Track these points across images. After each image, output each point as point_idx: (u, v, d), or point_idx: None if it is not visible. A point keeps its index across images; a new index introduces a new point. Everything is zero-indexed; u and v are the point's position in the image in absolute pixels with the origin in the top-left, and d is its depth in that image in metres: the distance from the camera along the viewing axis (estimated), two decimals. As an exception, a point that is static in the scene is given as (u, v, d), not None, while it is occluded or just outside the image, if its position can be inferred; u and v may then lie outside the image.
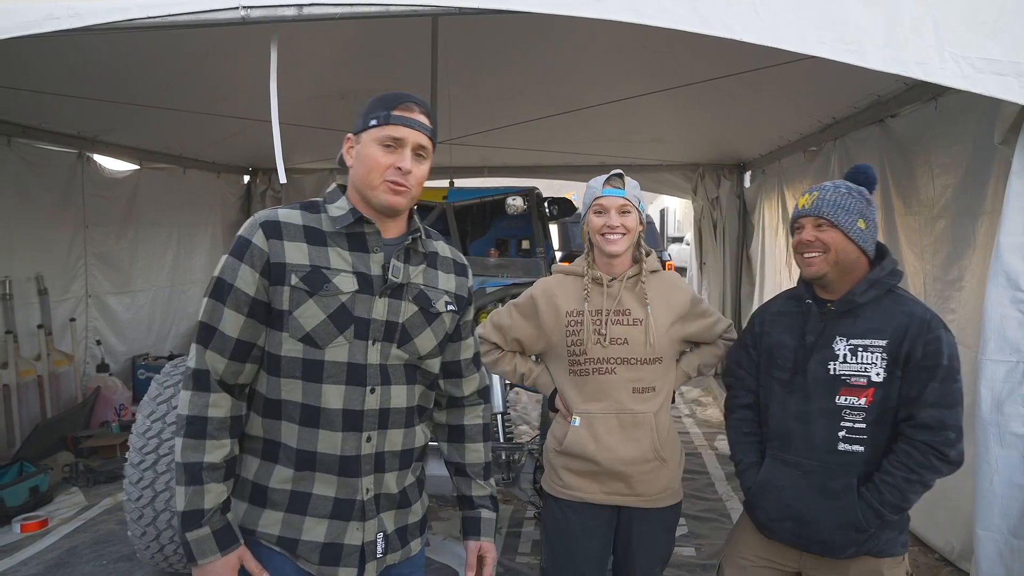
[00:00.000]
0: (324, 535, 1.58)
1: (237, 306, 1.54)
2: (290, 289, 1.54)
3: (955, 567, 3.51)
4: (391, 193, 1.58)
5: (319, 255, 1.57)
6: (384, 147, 1.58)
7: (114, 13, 2.71)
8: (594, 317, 2.23)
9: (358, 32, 4.35)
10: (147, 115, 5.34)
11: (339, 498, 1.59)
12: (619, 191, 2.22)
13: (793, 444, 2.06)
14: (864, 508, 1.96)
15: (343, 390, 1.56)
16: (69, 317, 5.98)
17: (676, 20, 2.48)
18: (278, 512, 1.58)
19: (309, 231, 1.59)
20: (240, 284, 1.54)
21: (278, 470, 1.58)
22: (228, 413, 1.56)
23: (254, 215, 1.62)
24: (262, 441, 1.60)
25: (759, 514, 2.13)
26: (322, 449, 1.56)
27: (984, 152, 3.38)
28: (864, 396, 1.97)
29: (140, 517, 3.15)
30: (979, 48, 2.38)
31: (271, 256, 1.54)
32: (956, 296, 3.69)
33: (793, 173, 6.35)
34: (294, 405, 1.56)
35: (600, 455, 2.20)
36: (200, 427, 1.53)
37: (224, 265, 1.57)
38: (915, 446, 1.93)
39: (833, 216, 1.99)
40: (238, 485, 1.61)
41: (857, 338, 1.99)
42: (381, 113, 1.59)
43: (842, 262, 2.00)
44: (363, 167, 1.60)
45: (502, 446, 3.25)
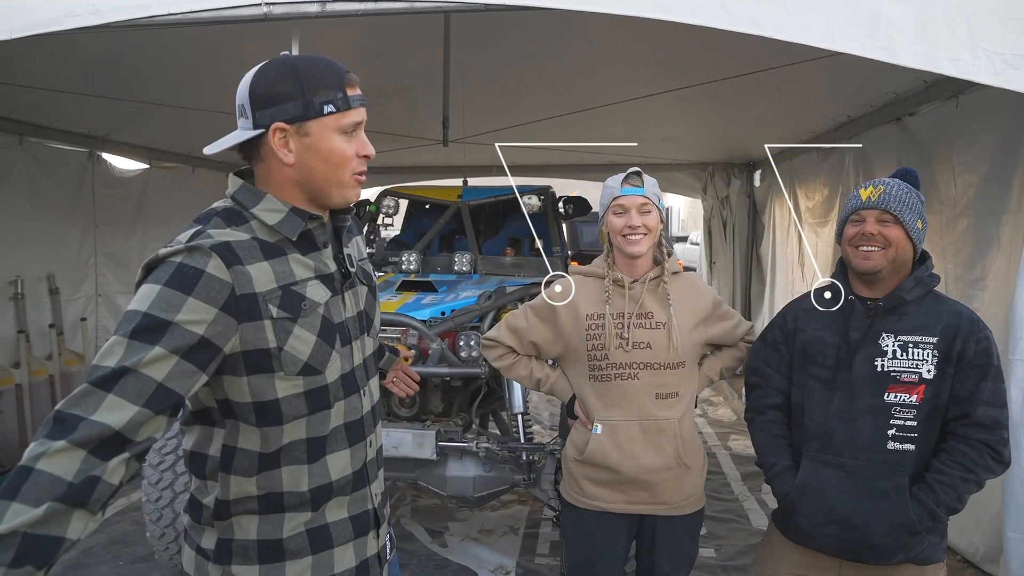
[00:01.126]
0: (354, 559, 1.44)
1: (173, 346, 1.18)
2: (272, 323, 1.27)
3: (979, 569, 3.48)
4: (355, 187, 1.39)
5: (282, 270, 1.31)
6: (345, 135, 1.34)
7: (135, 10, 2.69)
8: (616, 320, 2.15)
9: (371, 30, 4.33)
10: (156, 114, 5.32)
11: (353, 515, 1.44)
12: (639, 189, 2.16)
13: (835, 444, 1.99)
14: (918, 509, 1.89)
15: (343, 404, 1.40)
16: (80, 316, 5.96)
17: (704, 17, 2.46)
18: (304, 559, 1.37)
19: (262, 245, 1.31)
20: (183, 322, 1.19)
21: (289, 517, 1.36)
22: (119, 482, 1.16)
23: (186, 240, 1.26)
24: (256, 499, 1.35)
25: (799, 520, 2.04)
26: (335, 476, 1.39)
27: (1009, 150, 3.35)
28: (915, 393, 1.92)
29: (159, 518, 3.13)
30: (1013, 44, 2.35)
31: (237, 287, 1.24)
32: (979, 296, 3.66)
33: (806, 173, 6.31)
34: (297, 445, 1.35)
35: (623, 464, 2.14)
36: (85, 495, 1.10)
37: (156, 298, 1.19)
38: (971, 445, 1.88)
39: (899, 212, 1.94)
40: (236, 551, 1.35)
41: (906, 334, 1.94)
42: (335, 95, 1.32)
43: (899, 259, 1.96)
44: (327, 165, 1.34)
45: (523, 446, 3.23)
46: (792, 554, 2.10)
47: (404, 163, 7.38)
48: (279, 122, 1.31)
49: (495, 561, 3.66)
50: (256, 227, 1.33)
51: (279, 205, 1.34)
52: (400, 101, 5.67)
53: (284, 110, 1.30)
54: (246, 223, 1.33)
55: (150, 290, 1.21)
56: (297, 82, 1.31)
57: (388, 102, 5.68)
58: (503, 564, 3.64)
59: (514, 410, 3.30)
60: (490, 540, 3.94)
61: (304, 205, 1.37)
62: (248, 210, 1.34)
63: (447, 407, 3.56)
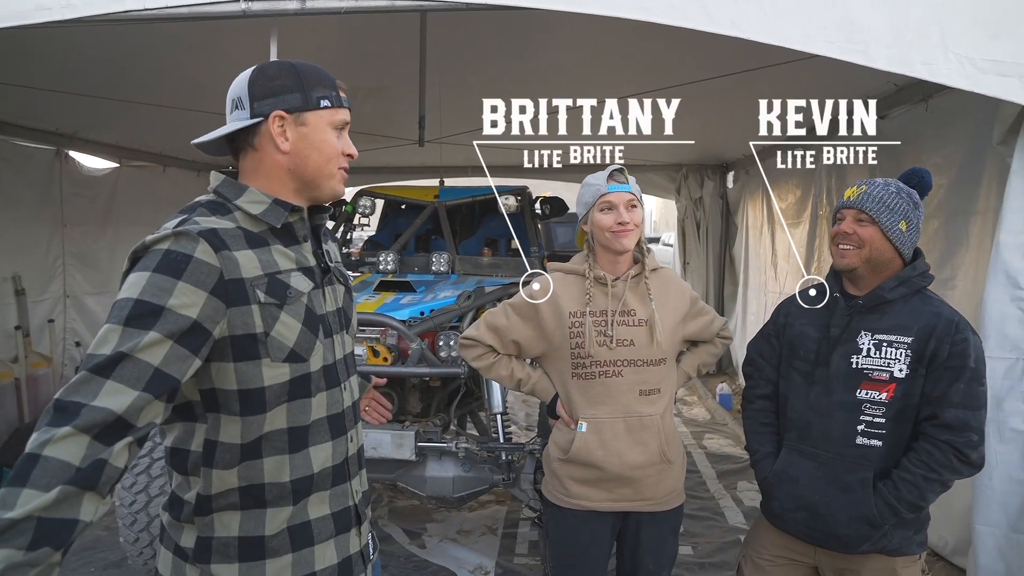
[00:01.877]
0: (336, 556, 1.44)
1: (168, 331, 1.20)
2: (259, 307, 1.30)
3: (948, 562, 3.54)
4: (342, 181, 1.46)
5: (267, 259, 1.35)
6: (335, 131, 1.43)
7: (109, 4, 2.64)
8: (599, 318, 2.15)
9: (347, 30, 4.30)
10: (127, 112, 5.23)
11: (335, 512, 1.45)
12: (625, 186, 2.17)
13: (811, 436, 2.06)
14: (880, 504, 1.95)
15: (325, 396, 1.42)
16: (47, 318, 5.83)
17: (684, 18, 2.49)
18: (284, 557, 1.38)
19: (246, 234, 1.35)
20: (175, 307, 1.21)
21: (272, 513, 1.37)
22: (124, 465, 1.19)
23: (173, 227, 1.28)
24: (238, 492, 1.35)
25: (773, 504, 2.13)
26: (317, 467, 1.40)
27: (978, 153, 3.43)
28: (885, 391, 1.96)
29: (133, 522, 3.08)
30: (982, 49, 2.42)
31: (225, 272, 1.27)
32: (949, 295, 3.73)
33: (778, 174, 6.39)
34: (278, 435, 1.36)
35: (608, 461, 2.15)
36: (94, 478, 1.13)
37: (147, 284, 1.21)
38: (937, 445, 1.92)
39: (875, 212, 1.98)
40: (215, 549, 1.35)
41: (882, 333, 1.99)
42: (330, 93, 1.41)
43: (874, 260, 1.99)
44: (319, 155, 1.40)
45: (502, 446, 3.22)
46: (775, 537, 2.17)
47: (380, 163, 7.34)
48: (279, 110, 1.37)
49: (474, 561, 3.65)
50: (240, 218, 1.37)
51: (262, 196, 1.39)
52: (376, 101, 5.63)
53: (284, 100, 1.38)
54: (230, 213, 1.37)
55: (139, 277, 1.23)
56: (297, 78, 1.39)
57: (364, 102, 5.64)
58: (482, 564, 3.63)
59: (493, 410, 3.29)
60: (469, 540, 3.93)
61: (290, 196, 1.42)
62: (231, 202, 1.38)
63: (426, 407, 3.55)
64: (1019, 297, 2.59)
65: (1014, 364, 2.60)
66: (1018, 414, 2.58)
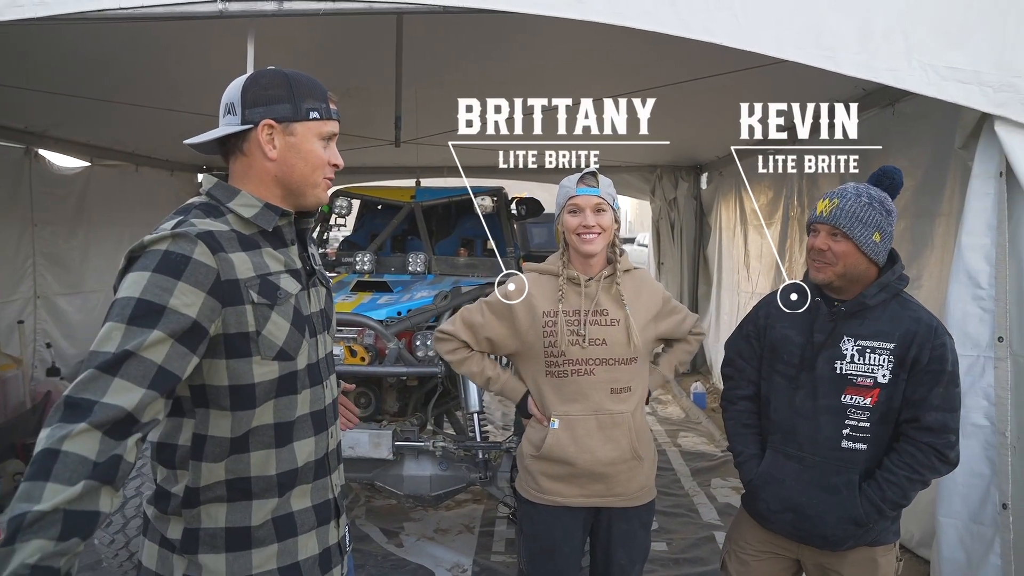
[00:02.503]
0: (317, 546, 1.50)
1: (170, 330, 1.26)
2: (253, 307, 1.36)
3: (914, 554, 3.64)
4: (326, 190, 1.53)
5: (259, 262, 1.41)
6: (323, 142, 1.48)
7: (84, 3, 2.62)
8: (572, 318, 2.20)
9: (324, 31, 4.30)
10: (99, 110, 5.17)
11: (316, 504, 1.51)
12: (593, 190, 2.21)
13: (796, 439, 2.09)
14: (866, 504, 2.00)
15: (309, 393, 1.48)
16: (17, 319, 5.75)
17: (658, 23, 2.53)
18: (270, 547, 1.43)
19: (240, 237, 1.40)
20: (177, 306, 1.26)
21: (258, 505, 1.42)
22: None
23: (170, 229, 1.33)
24: (225, 484, 1.40)
25: (759, 505, 2.16)
26: (302, 462, 1.46)
27: (941, 156, 3.52)
28: (869, 396, 2.01)
29: (108, 524, 3.06)
30: (944, 57, 2.49)
31: (222, 273, 1.32)
32: (916, 294, 3.76)
33: (751, 175, 6.49)
34: (264, 429, 1.41)
35: (580, 457, 2.19)
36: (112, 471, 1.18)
37: (148, 284, 1.26)
38: (919, 447, 1.99)
39: (849, 228, 1.99)
40: (203, 540, 1.40)
41: (865, 339, 2.03)
42: (320, 105, 1.46)
43: (850, 273, 2.03)
44: (305, 164, 1.45)
45: (479, 445, 3.26)
46: (758, 532, 2.22)
47: (356, 163, 7.33)
48: (269, 119, 1.42)
49: (451, 560, 3.68)
50: (232, 220, 1.42)
51: (254, 200, 1.44)
52: (353, 101, 5.62)
53: (274, 110, 1.43)
54: (223, 216, 1.42)
55: (140, 277, 1.28)
56: (288, 88, 1.44)
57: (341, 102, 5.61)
58: (460, 562, 3.66)
59: (470, 409, 3.32)
60: (446, 539, 3.95)
61: (277, 201, 1.47)
62: (224, 204, 1.43)
63: (403, 407, 3.57)
64: (980, 296, 2.67)
65: (975, 361, 2.68)
66: (979, 410, 2.66)
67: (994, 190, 2.62)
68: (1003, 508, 2.60)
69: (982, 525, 2.67)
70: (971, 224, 2.68)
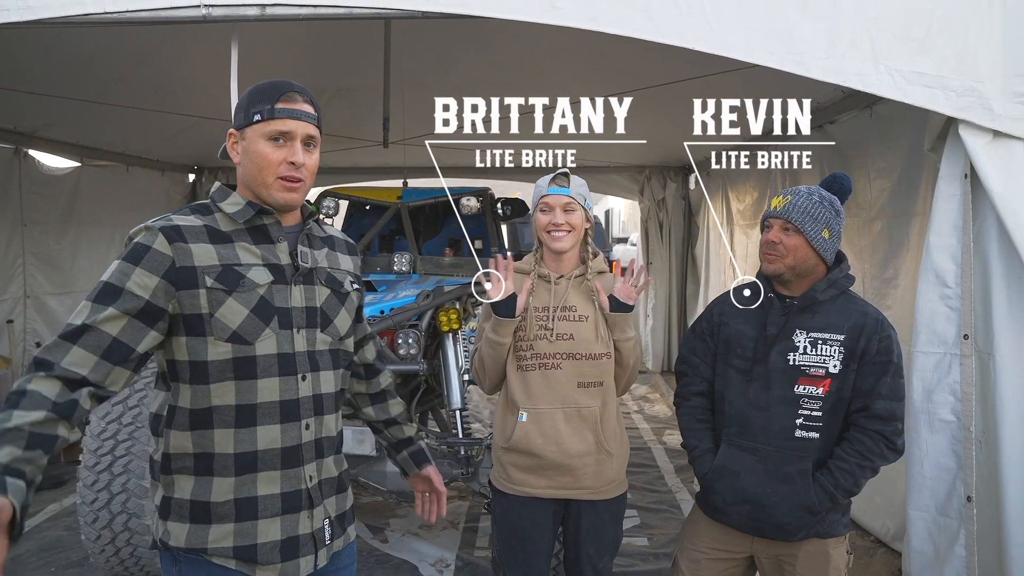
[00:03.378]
0: (280, 532, 1.57)
1: (124, 308, 1.46)
2: (206, 291, 1.50)
3: (889, 548, 3.71)
4: (285, 191, 1.57)
5: (227, 253, 1.55)
6: (272, 142, 1.55)
7: (69, 7, 2.66)
8: (541, 313, 2.28)
9: (312, 33, 4.35)
10: (89, 111, 5.20)
11: (285, 492, 1.57)
12: (564, 189, 2.28)
13: (750, 430, 2.16)
14: (819, 491, 2.08)
15: (277, 381, 1.55)
16: (6, 319, 5.77)
17: (632, 29, 2.59)
18: (227, 524, 1.54)
19: (211, 231, 1.56)
20: (132, 287, 1.47)
21: (217, 483, 1.53)
22: (56, 397, 1.42)
23: (147, 223, 1.55)
24: (192, 457, 1.54)
25: (715, 499, 2.21)
26: (262, 446, 1.54)
27: (916, 158, 3.59)
28: (821, 386, 2.10)
29: (95, 520, 3.10)
30: (910, 62, 2.55)
31: (176, 260, 1.50)
32: (892, 293, 3.90)
33: (736, 176, 6.57)
34: (226, 409, 1.52)
35: (546, 449, 2.25)
36: (16, 399, 1.39)
37: (114, 269, 1.50)
38: (868, 435, 2.07)
39: (800, 223, 2.11)
40: (173, 508, 1.56)
41: (817, 332, 2.12)
42: (264, 107, 1.54)
43: (799, 267, 2.13)
44: (253, 165, 1.56)
45: (461, 441, 3.31)
46: (711, 530, 2.27)
47: (345, 164, 7.38)
48: (232, 129, 1.62)
49: (435, 555, 3.74)
50: (219, 218, 1.60)
51: (239, 200, 1.61)
52: (342, 102, 5.68)
53: (236, 119, 1.62)
54: (210, 214, 1.60)
55: (113, 264, 1.52)
56: (248, 98, 1.60)
57: (330, 103, 5.69)
58: (443, 557, 3.72)
59: (452, 406, 3.38)
60: (430, 535, 4.01)
61: (257, 200, 1.62)
62: (216, 204, 1.62)
63: (387, 404, 3.61)
64: (947, 295, 2.73)
65: (943, 358, 2.74)
66: (946, 405, 2.72)
67: (960, 192, 2.68)
68: (968, 501, 2.66)
69: (948, 518, 2.74)
70: (938, 224, 2.75)
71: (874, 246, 4.11)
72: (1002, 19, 2.54)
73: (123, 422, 3.16)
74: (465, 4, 2.65)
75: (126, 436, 3.14)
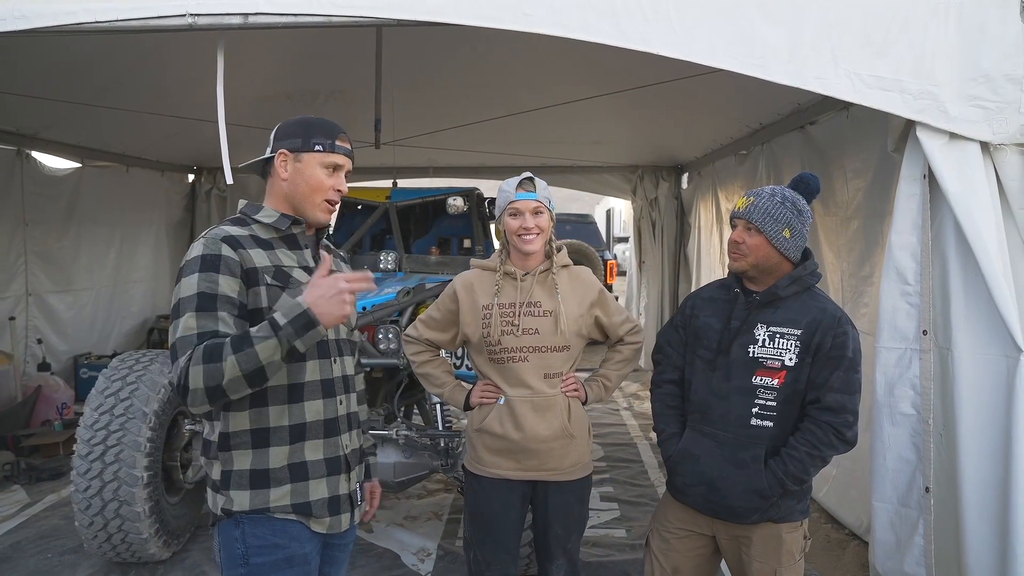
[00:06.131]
0: (327, 491, 1.85)
1: (229, 310, 1.71)
2: (266, 288, 1.77)
3: (862, 540, 3.79)
4: (327, 212, 1.91)
5: (274, 257, 1.82)
6: (326, 170, 1.87)
7: (62, 17, 2.77)
8: (507, 310, 2.40)
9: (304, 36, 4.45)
10: (89, 113, 5.32)
11: (327, 457, 1.85)
12: (531, 194, 2.39)
13: (711, 417, 2.28)
14: (770, 477, 2.19)
15: (317, 364, 1.84)
16: (8, 316, 5.92)
17: (599, 34, 2.67)
18: (284, 486, 1.80)
19: (256, 239, 1.83)
20: (224, 290, 1.71)
21: (274, 451, 1.80)
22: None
23: (204, 236, 1.78)
24: (249, 433, 1.79)
25: (677, 480, 2.35)
26: (310, 418, 1.82)
27: (888, 158, 3.65)
28: (777, 377, 2.21)
29: (88, 507, 3.22)
30: (869, 66, 2.63)
31: (243, 263, 1.75)
32: (868, 291, 3.98)
33: (725, 175, 6.65)
34: (280, 388, 1.79)
35: (516, 434, 2.38)
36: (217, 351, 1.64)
37: (199, 280, 1.71)
38: (819, 425, 2.18)
39: (760, 223, 2.22)
40: (233, 479, 1.79)
41: (776, 326, 2.23)
42: (326, 142, 1.86)
43: (761, 264, 2.24)
44: (307, 186, 1.86)
45: (440, 433, 3.42)
46: (678, 511, 2.40)
47: (339, 164, 7.46)
48: (283, 149, 1.88)
49: (417, 544, 3.84)
50: (256, 228, 1.86)
51: (272, 212, 1.89)
52: (333, 104, 5.79)
53: (289, 143, 1.88)
54: (248, 226, 1.87)
55: (191, 279, 1.73)
56: (304, 128, 1.88)
57: (323, 105, 5.80)
58: (425, 547, 3.82)
59: (433, 400, 3.48)
60: (414, 525, 4.11)
61: (290, 213, 1.89)
62: (250, 217, 1.89)
63: (371, 398, 3.73)
64: (907, 292, 2.81)
65: (903, 353, 2.82)
66: (907, 399, 2.80)
67: (919, 191, 2.76)
68: (926, 492, 2.75)
69: (909, 508, 2.82)
70: (899, 223, 2.83)
71: (851, 244, 4.19)
72: (958, 24, 2.62)
73: (115, 413, 3.27)
74: (439, 12, 2.76)
75: (118, 427, 3.26)
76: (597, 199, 22.67)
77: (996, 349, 2.61)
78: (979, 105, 2.61)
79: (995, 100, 2.60)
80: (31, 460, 5.05)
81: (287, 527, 1.80)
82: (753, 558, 2.27)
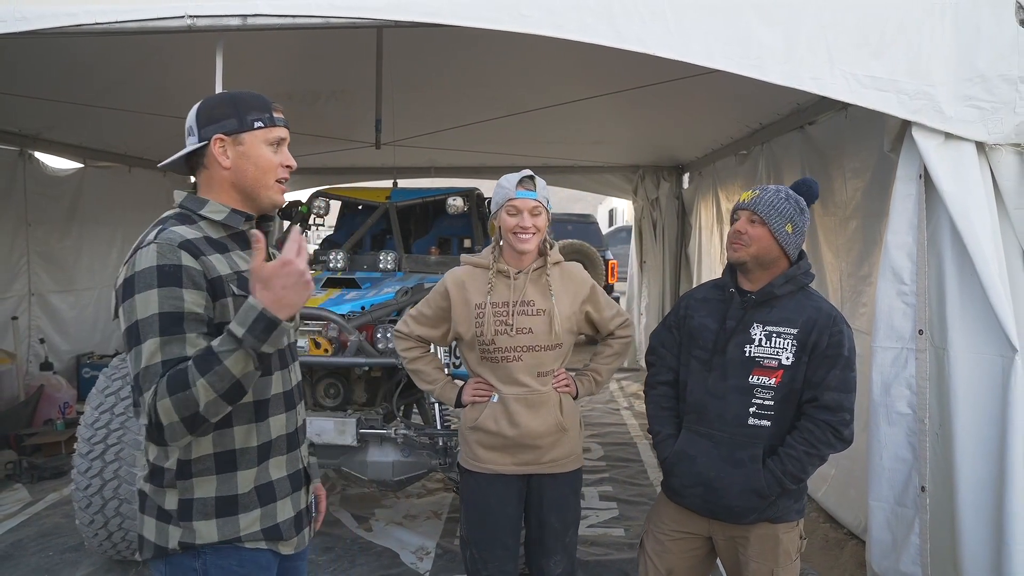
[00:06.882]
0: (292, 509, 1.73)
1: (198, 329, 1.50)
2: (233, 299, 1.56)
3: (860, 540, 3.80)
4: (281, 192, 1.70)
5: (231, 261, 1.62)
6: (271, 147, 1.66)
7: (62, 18, 2.80)
8: (501, 309, 2.39)
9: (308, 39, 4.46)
10: (91, 113, 5.35)
11: (290, 474, 1.73)
12: (531, 193, 2.38)
13: (707, 417, 2.28)
14: (768, 476, 2.19)
15: (280, 375, 1.69)
16: (11, 315, 5.95)
17: (596, 35, 2.69)
18: (254, 511, 1.64)
19: (209, 241, 1.60)
20: (191, 307, 1.50)
21: (241, 475, 1.62)
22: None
23: (154, 241, 1.53)
24: (213, 457, 1.60)
25: (673, 481, 2.34)
26: (275, 434, 1.68)
27: (886, 158, 3.67)
28: (774, 376, 2.21)
29: (88, 505, 3.24)
30: (865, 66, 2.64)
31: (207, 272, 1.54)
32: (867, 291, 3.98)
33: (726, 175, 6.66)
34: (245, 406, 1.60)
35: (511, 431, 2.39)
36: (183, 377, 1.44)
37: (160, 297, 1.48)
38: (816, 424, 2.18)
39: (765, 215, 2.22)
40: (196, 508, 1.60)
41: (772, 325, 2.23)
42: (264, 115, 1.65)
43: (762, 257, 2.24)
44: (256, 169, 1.64)
45: (439, 432, 3.43)
46: (673, 512, 2.39)
47: (338, 164, 7.52)
48: (219, 134, 1.63)
49: (416, 543, 3.85)
50: (205, 226, 1.63)
51: (220, 207, 1.65)
52: (335, 104, 5.80)
53: (224, 125, 1.64)
54: (195, 223, 1.63)
55: (148, 296, 1.50)
56: (233, 105, 1.65)
57: (325, 106, 5.82)
58: (424, 545, 3.84)
59: (432, 399, 3.49)
60: (413, 524, 4.12)
61: (238, 206, 1.67)
62: (196, 213, 1.65)
63: (371, 397, 3.75)
64: (903, 292, 2.82)
65: (900, 353, 2.83)
66: (903, 398, 2.81)
67: (915, 191, 2.77)
68: (922, 491, 2.76)
69: (905, 507, 2.83)
70: (895, 223, 2.84)
71: (850, 244, 4.20)
72: (953, 25, 2.63)
73: (115, 412, 3.29)
74: (436, 13, 2.77)
75: (118, 425, 3.28)
76: (600, 199, 22.69)
77: (991, 349, 2.62)
78: (975, 105, 2.62)
79: (990, 100, 2.61)
80: (33, 459, 5.08)
81: (256, 557, 1.65)
82: (750, 558, 2.27)
